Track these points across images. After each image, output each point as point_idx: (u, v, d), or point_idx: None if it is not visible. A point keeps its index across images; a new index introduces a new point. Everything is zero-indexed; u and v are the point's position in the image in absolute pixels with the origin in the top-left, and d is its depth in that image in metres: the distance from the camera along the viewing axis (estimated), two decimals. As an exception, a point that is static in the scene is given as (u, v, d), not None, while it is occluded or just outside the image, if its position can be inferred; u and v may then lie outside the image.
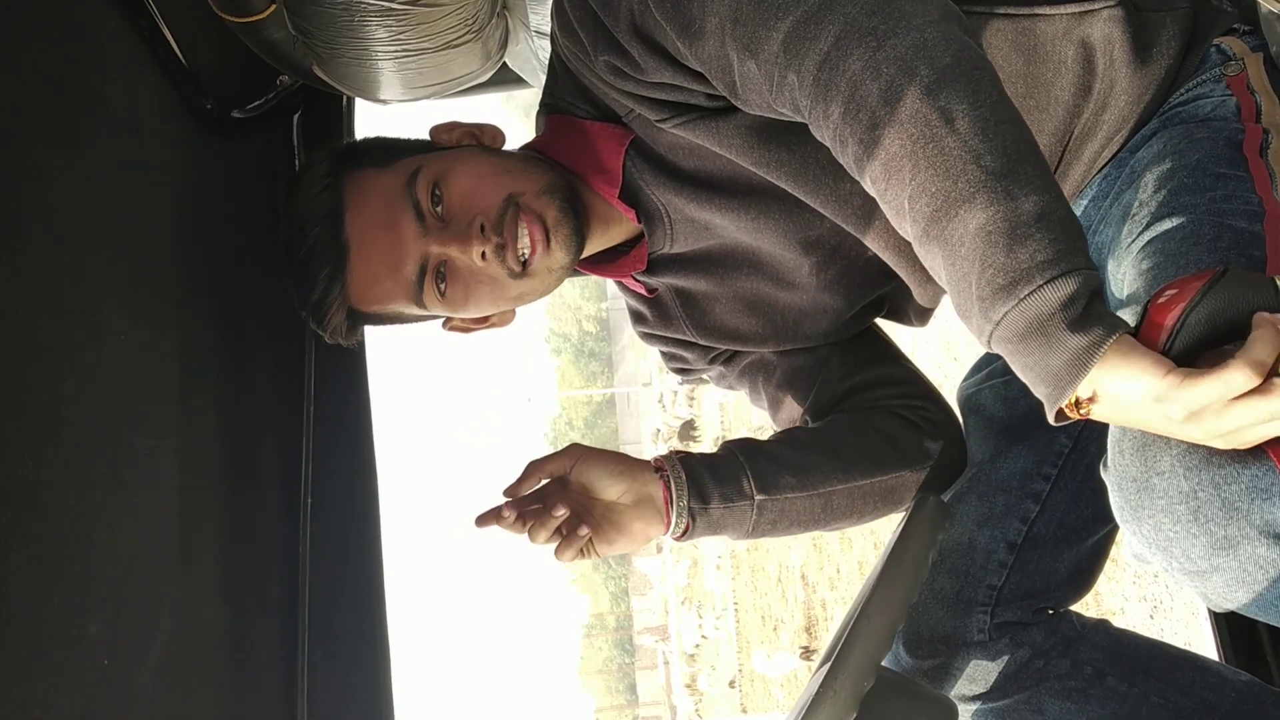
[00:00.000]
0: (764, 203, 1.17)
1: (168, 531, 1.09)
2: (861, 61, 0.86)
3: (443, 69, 1.33)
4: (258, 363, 1.37)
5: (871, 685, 0.93)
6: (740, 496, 1.19)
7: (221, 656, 1.17)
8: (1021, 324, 0.78)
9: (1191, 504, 0.80)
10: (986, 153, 0.81)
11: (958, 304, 0.84)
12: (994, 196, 0.79)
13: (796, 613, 11.93)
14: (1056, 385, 0.78)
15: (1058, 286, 0.77)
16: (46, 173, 0.95)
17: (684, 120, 1.10)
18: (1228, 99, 1.06)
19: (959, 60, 0.84)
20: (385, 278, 1.15)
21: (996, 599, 1.20)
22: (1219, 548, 0.79)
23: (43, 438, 0.88)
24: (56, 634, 0.87)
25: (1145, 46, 1.09)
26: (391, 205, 1.14)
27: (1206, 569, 0.81)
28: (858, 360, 1.35)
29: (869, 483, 1.24)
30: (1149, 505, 0.82)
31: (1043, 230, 0.78)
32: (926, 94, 0.83)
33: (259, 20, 1.26)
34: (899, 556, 1.00)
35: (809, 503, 1.22)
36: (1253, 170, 0.98)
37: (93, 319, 1.00)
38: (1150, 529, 0.83)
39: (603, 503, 1.18)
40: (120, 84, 1.13)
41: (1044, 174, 0.81)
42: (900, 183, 0.84)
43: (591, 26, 1.08)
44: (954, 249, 0.81)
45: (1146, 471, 0.83)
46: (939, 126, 0.82)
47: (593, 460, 1.19)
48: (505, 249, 1.13)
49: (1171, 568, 0.84)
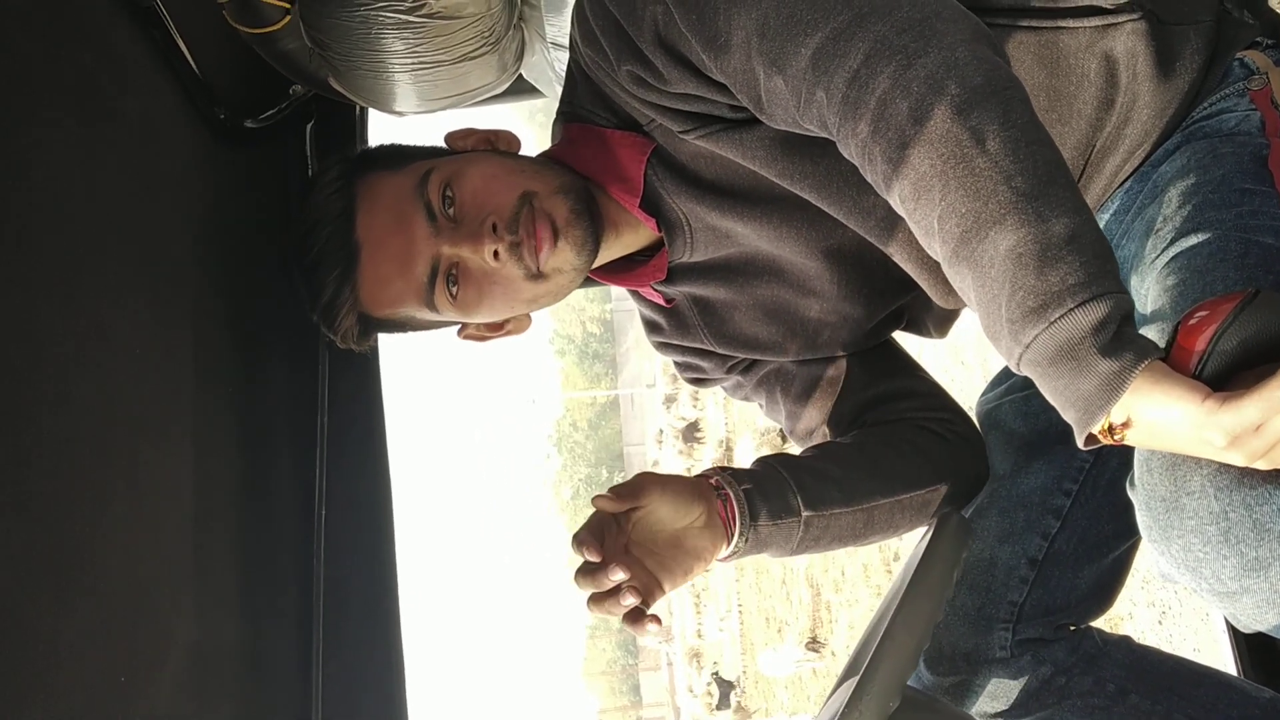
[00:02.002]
0: (786, 211, 1.16)
1: (182, 543, 1.08)
2: (891, 79, 0.85)
3: (459, 81, 1.33)
4: (272, 372, 1.37)
5: (897, 705, 0.92)
6: (789, 513, 1.14)
7: (237, 668, 1.17)
8: (1052, 347, 0.78)
9: (1222, 525, 0.79)
10: (1018, 174, 0.80)
11: (987, 326, 0.83)
12: (1025, 218, 0.79)
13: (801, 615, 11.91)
14: (1087, 410, 0.78)
15: (1089, 310, 0.76)
16: (60, 183, 0.95)
17: (707, 132, 1.09)
18: (1252, 113, 1.05)
19: (990, 80, 0.84)
20: (396, 279, 1.14)
21: (1018, 615, 1.19)
22: (1250, 569, 0.79)
23: (56, 450, 0.88)
24: (73, 648, 0.87)
25: (1168, 60, 1.09)
26: (403, 206, 1.13)
27: (1236, 590, 0.81)
28: (878, 371, 1.34)
29: (909, 496, 1.22)
30: (1178, 525, 0.82)
31: (1074, 253, 0.78)
32: (957, 113, 0.82)
33: (274, 31, 1.26)
34: (924, 575, 0.99)
35: (852, 518, 1.19)
36: (1278, 186, 0.97)
37: (106, 329, 1.00)
38: (1180, 549, 0.82)
39: (666, 532, 1.09)
40: (134, 94, 1.13)
41: (1075, 196, 0.81)
42: (930, 202, 0.84)
43: (615, 35, 1.07)
44: (984, 271, 0.81)
45: (1176, 491, 0.82)
46: (969, 146, 0.81)
47: (671, 486, 1.09)
48: (521, 247, 1.11)
49: (1201, 588, 0.83)
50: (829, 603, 10.72)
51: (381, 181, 1.15)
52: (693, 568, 1.10)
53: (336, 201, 1.14)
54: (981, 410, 1.36)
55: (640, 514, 1.09)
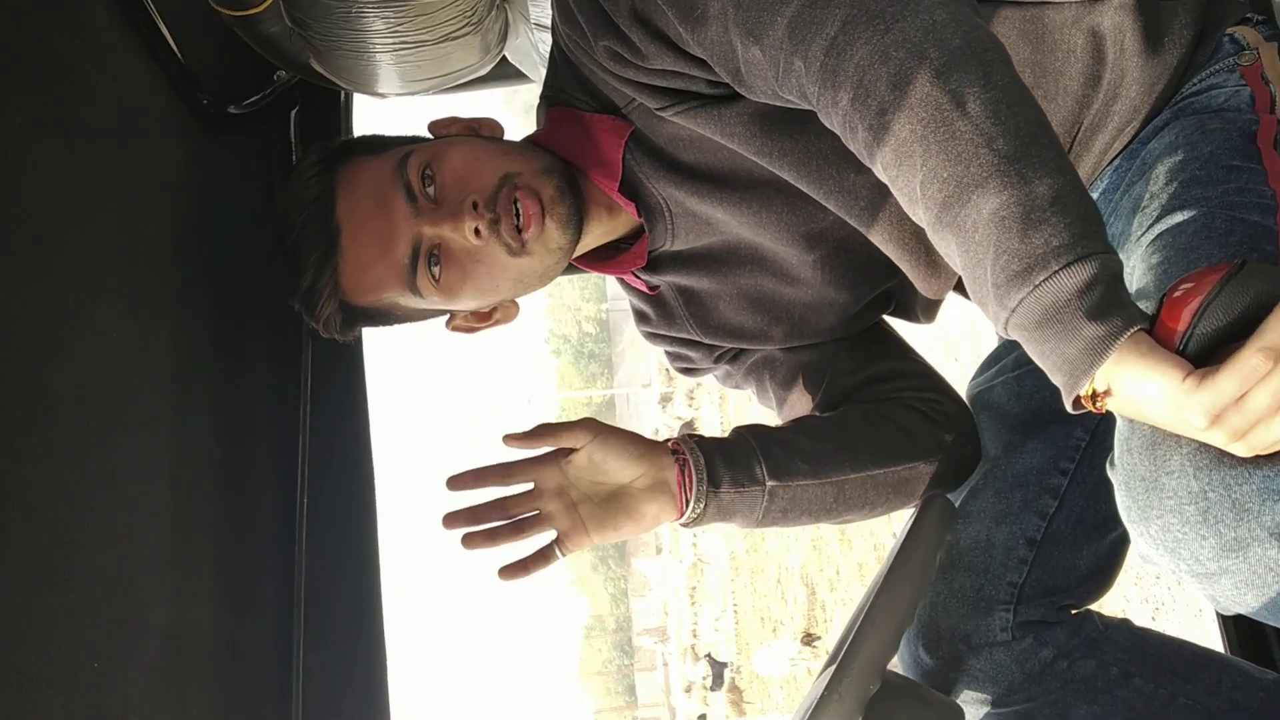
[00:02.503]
0: (766, 196, 1.15)
1: (159, 531, 1.07)
2: (869, 46, 0.84)
3: (441, 62, 1.32)
4: (253, 361, 1.36)
5: (877, 689, 0.91)
6: (752, 482, 1.15)
7: (215, 659, 1.16)
8: (1038, 310, 0.77)
9: (1201, 504, 0.78)
10: (999, 136, 0.79)
11: (973, 290, 0.82)
12: (1007, 180, 0.78)
13: (796, 614, 11.93)
14: (1071, 374, 0.77)
15: (1074, 272, 0.75)
16: (38, 168, 0.94)
17: (685, 108, 1.08)
18: (1242, 89, 1.05)
19: (970, 42, 0.83)
20: (377, 262, 1.12)
21: (1018, 596, 1.18)
22: (1229, 550, 0.78)
23: (30, 435, 0.87)
24: (44, 636, 0.85)
25: (1156, 35, 1.08)
26: (382, 188, 1.12)
27: (1215, 571, 0.79)
28: (867, 354, 1.33)
29: (882, 473, 1.21)
30: (1157, 505, 0.81)
31: (1058, 214, 0.76)
32: (936, 77, 0.81)
33: (256, 14, 1.25)
34: (905, 558, 0.98)
35: (821, 491, 1.18)
36: (1266, 163, 0.97)
37: (84, 315, 0.98)
38: (1158, 529, 0.81)
39: (609, 484, 1.14)
40: (114, 79, 1.12)
41: (1059, 157, 0.80)
42: (911, 168, 0.82)
43: (591, 12, 1.06)
44: (968, 235, 0.80)
45: (1155, 471, 0.81)
46: (950, 110, 0.80)
47: (611, 440, 1.14)
48: (500, 224, 1.10)
49: (1180, 569, 0.82)
50: (824, 602, 10.74)
51: (361, 166, 1.14)
52: (622, 525, 1.13)
53: (315, 185, 1.13)
54: (973, 393, 1.35)
55: (579, 457, 1.13)
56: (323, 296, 1.14)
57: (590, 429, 1.14)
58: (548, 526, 1.14)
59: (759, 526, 1.19)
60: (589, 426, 1.14)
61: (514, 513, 1.14)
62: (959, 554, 1.21)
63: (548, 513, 1.14)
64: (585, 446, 1.13)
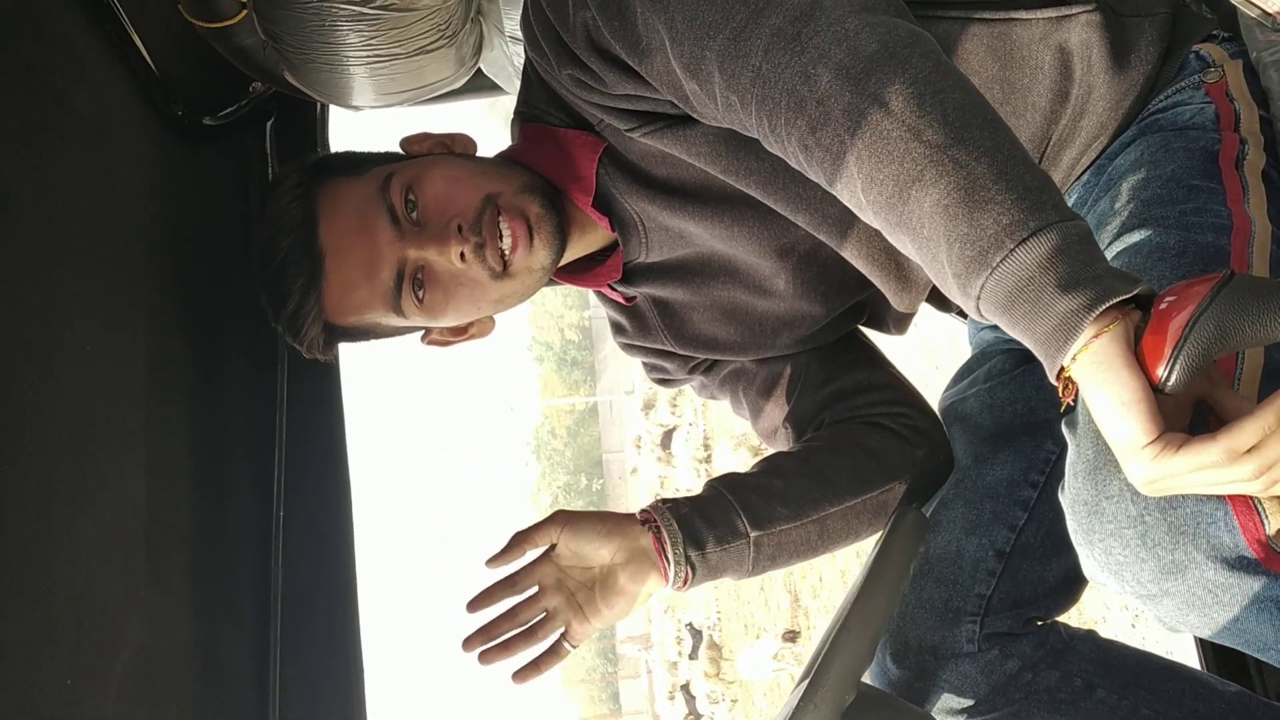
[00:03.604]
0: (737, 210, 1.16)
1: (134, 545, 1.06)
2: (790, 70, 0.84)
3: (416, 75, 1.31)
4: (229, 373, 1.35)
5: (852, 699, 0.92)
6: (735, 536, 1.16)
7: (191, 673, 1.15)
8: (1001, 292, 0.75)
9: (1139, 528, 0.79)
10: (926, 127, 0.78)
11: (939, 284, 0.81)
12: (942, 170, 0.76)
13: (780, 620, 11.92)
14: (1046, 353, 0.75)
15: (1031, 247, 0.73)
16: (9, 179, 0.93)
17: (651, 129, 1.09)
18: (1207, 106, 1.06)
19: (886, 44, 0.82)
20: (361, 285, 1.13)
21: (986, 608, 1.19)
22: (1168, 572, 0.79)
23: (2, 450, 0.86)
24: (16, 651, 0.85)
25: (1124, 52, 1.09)
26: (366, 211, 1.12)
27: (1157, 593, 0.81)
28: (837, 365, 1.34)
29: (860, 501, 1.22)
30: (1099, 529, 0.82)
31: (1002, 191, 0.74)
32: (855, 85, 0.80)
33: (230, 26, 1.25)
34: (879, 569, 0.99)
35: (804, 531, 1.19)
36: (1225, 182, 0.97)
37: (57, 328, 0.98)
38: (1102, 553, 0.82)
39: (594, 568, 1.16)
40: (87, 90, 1.11)
41: (994, 134, 0.78)
42: (849, 178, 0.82)
43: (553, 42, 1.07)
44: (917, 231, 0.79)
45: (1097, 495, 0.82)
46: (874, 113, 0.79)
47: (580, 525, 1.16)
48: (485, 248, 1.11)
49: (1125, 591, 0.83)
50: (807, 609, 10.74)
51: (342, 188, 1.15)
52: (615, 604, 1.15)
53: (297, 209, 1.13)
54: (945, 405, 1.35)
55: (560, 550, 1.17)
56: (308, 320, 1.14)
57: (559, 522, 1.16)
58: (555, 623, 1.16)
59: (751, 576, 1.20)
60: (557, 520, 1.17)
61: (524, 618, 1.16)
62: (928, 564, 1.21)
63: (553, 609, 1.16)
64: (559, 539, 1.16)
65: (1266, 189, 0.98)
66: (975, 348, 1.43)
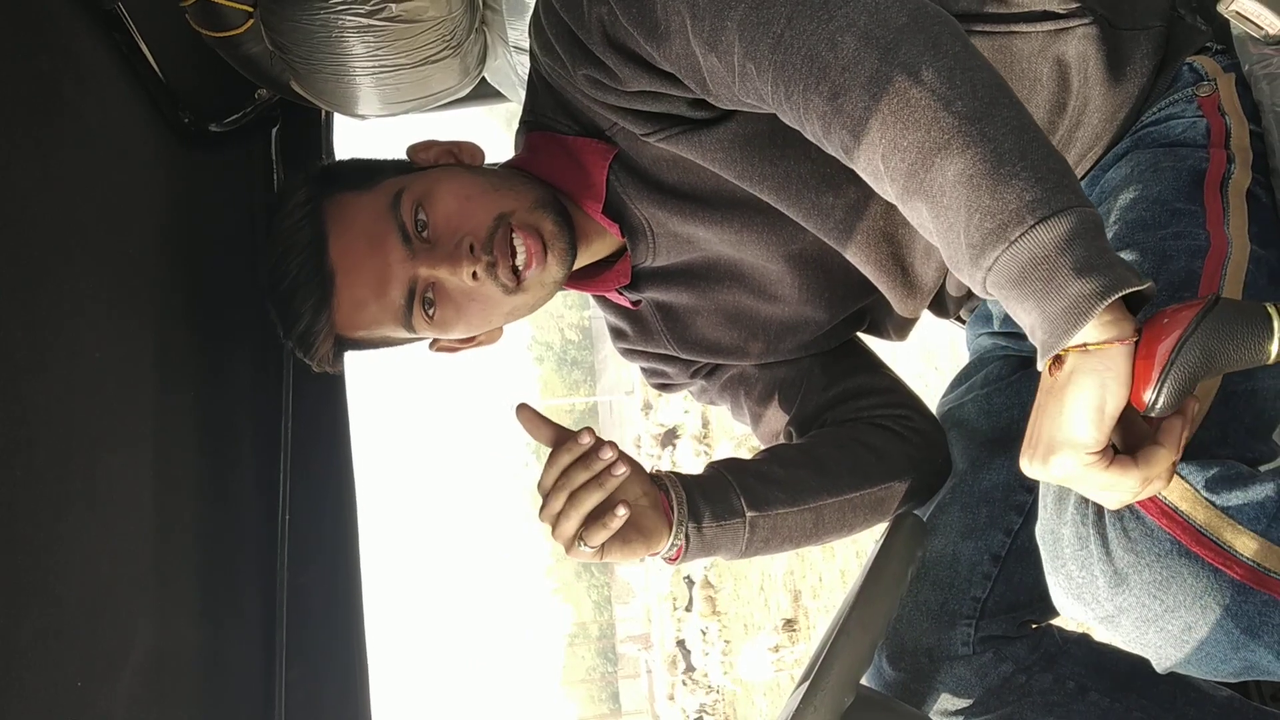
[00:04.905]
0: (747, 216, 1.16)
1: (142, 549, 1.08)
2: (815, 36, 0.84)
3: (421, 84, 1.33)
4: (235, 378, 1.36)
5: (851, 701, 0.93)
6: (732, 514, 1.16)
7: (198, 675, 1.16)
8: (1014, 267, 0.75)
9: (1086, 548, 0.82)
10: (956, 98, 0.78)
11: (949, 256, 0.81)
12: (970, 140, 0.77)
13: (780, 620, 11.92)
14: (1053, 332, 0.75)
15: (1051, 226, 0.74)
16: (19, 186, 0.94)
17: (667, 134, 1.09)
18: (1199, 121, 1.07)
19: (915, 18, 0.83)
20: (372, 302, 1.12)
21: (981, 611, 1.20)
22: (1114, 585, 0.81)
23: (13, 454, 0.87)
24: (27, 655, 0.86)
25: (1119, 64, 1.10)
26: (376, 229, 1.11)
27: (1114, 611, 0.83)
28: (839, 370, 1.35)
29: (858, 495, 1.22)
30: (1059, 555, 0.85)
31: (1028, 169, 0.75)
32: (885, 54, 0.81)
33: (236, 35, 1.26)
34: (878, 573, 1.00)
35: (800, 518, 1.20)
36: (1207, 204, 0.98)
37: (67, 334, 0.99)
38: (1064, 578, 0.85)
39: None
40: (96, 98, 1.12)
41: (1020, 114, 0.79)
42: (871, 144, 0.82)
43: (568, 42, 1.07)
44: (936, 200, 0.79)
45: (1058, 523, 0.85)
46: (903, 81, 0.79)
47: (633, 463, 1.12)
48: (497, 266, 1.11)
49: (1090, 617, 0.85)
50: (807, 609, 10.74)
51: (351, 202, 1.13)
52: (632, 541, 1.09)
53: (307, 227, 1.12)
54: (943, 410, 1.36)
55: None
56: (319, 338, 1.14)
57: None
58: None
59: (743, 557, 1.19)
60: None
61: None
62: (925, 567, 1.22)
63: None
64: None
65: (1250, 207, 0.99)
66: (973, 354, 1.44)
